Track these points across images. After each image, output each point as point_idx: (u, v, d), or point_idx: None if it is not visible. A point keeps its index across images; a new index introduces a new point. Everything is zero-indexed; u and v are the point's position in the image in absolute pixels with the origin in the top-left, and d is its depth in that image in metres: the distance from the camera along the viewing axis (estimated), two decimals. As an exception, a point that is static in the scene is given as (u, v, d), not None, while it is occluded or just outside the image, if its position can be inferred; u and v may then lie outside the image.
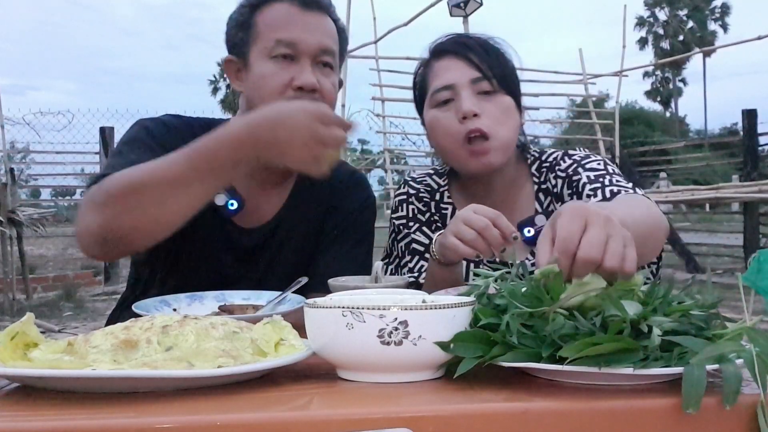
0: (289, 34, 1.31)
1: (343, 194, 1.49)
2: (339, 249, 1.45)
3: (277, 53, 1.30)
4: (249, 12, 1.35)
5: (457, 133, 1.34)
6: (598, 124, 7.44)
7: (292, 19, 1.32)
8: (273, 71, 1.31)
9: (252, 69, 1.33)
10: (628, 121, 25.81)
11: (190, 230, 1.32)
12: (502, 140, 1.34)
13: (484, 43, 1.40)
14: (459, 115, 1.33)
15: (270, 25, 1.33)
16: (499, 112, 1.35)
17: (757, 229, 8.23)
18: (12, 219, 6.55)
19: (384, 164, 6.81)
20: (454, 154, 1.37)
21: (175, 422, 0.63)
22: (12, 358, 0.78)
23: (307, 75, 1.30)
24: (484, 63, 1.36)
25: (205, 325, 0.82)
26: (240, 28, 1.36)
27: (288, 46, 1.30)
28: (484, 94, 1.35)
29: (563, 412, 0.67)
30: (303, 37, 1.31)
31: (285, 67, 1.31)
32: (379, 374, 0.76)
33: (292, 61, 1.31)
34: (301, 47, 1.31)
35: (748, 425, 0.67)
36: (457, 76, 1.36)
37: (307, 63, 1.31)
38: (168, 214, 1.10)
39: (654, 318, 0.72)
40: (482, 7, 5.21)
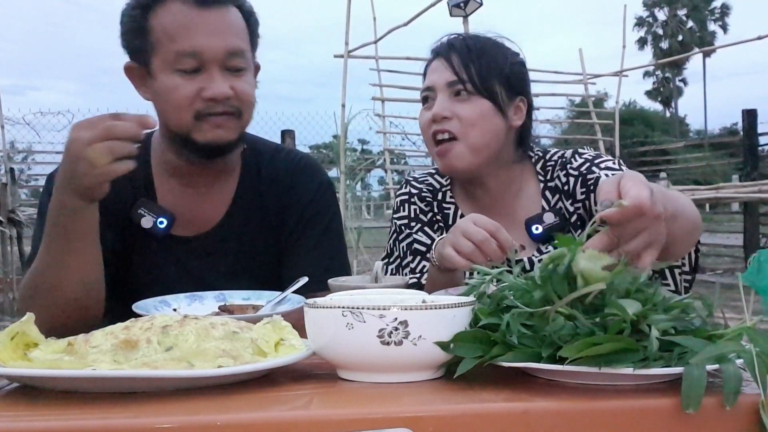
0: (190, 42, 1.20)
1: (295, 185, 1.42)
2: (306, 243, 1.39)
3: (181, 66, 1.21)
4: (141, 14, 1.24)
5: (428, 132, 1.39)
6: (598, 124, 7.45)
7: (190, 23, 1.21)
8: (179, 84, 1.22)
9: (156, 80, 1.24)
10: (628, 121, 25.81)
11: (132, 256, 1.34)
12: (470, 143, 1.36)
13: (472, 45, 1.39)
14: (431, 117, 1.36)
15: (168, 32, 1.22)
16: (472, 116, 1.35)
17: (757, 229, 8.23)
18: (12, 219, 6.56)
19: (384, 164, 6.81)
20: (431, 153, 1.41)
21: (175, 422, 0.63)
22: (12, 358, 0.78)
23: (217, 85, 1.22)
24: (463, 66, 1.36)
25: (205, 325, 0.82)
26: (135, 34, 1.25)
27: (192, 56, 1.21)
28: (458, 97, 1.36)
29: (563, 412, 0.67)
30: (206, 44, 1.21)
31: (192, 78, 1.22)
32: (379, 374, 0.76)
33: (199, 72, 1.22)
34: (207, 56, 1.21)
35: (748, 425, 0.67)
36: (436, 78, 1.39)
37: (216, 70, 1.22)
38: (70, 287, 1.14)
39: (654, 316, 0.72)
40: (482, 7, 5.20)
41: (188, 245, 1.36)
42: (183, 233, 1.35)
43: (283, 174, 1.41)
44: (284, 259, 1.40)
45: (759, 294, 1.25)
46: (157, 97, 1.27)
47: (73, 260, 1.14)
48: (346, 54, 5.94)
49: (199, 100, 1.22)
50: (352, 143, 12.07)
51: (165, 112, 1.26)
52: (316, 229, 1.40)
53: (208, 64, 1.22)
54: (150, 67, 1.25)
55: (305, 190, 1.42)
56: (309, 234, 1.40)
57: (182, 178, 1.35)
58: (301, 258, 1.38)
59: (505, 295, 0.80)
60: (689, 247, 1.15)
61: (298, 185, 1.42)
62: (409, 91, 6.57)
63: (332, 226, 1.44)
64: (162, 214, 1.32)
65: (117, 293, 1.34)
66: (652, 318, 0.72)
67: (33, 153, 10.77)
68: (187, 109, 1.23)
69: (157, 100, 1.27)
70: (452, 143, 1.36)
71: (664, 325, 0.72)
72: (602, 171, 1.37)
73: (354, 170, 6.86)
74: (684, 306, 0.77)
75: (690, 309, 0.77)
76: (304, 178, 1.43)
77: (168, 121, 1.27)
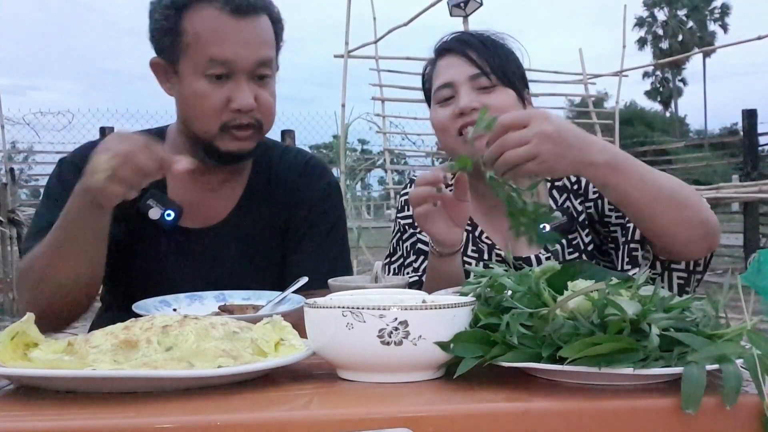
0: (222, 51, 1.22)
1: (303, 185, 1.43)
2: (310, 244, 1.40)
3: (211, 72, 1.23)
4: (175, 15, 1.24)
5: (453, 127, 1.37)
6: (598, 124, 7.45)
7: (225, 31, 1.23)
8: (208, 91, 1.24)
9: (183, 81, 1.26)
10: (628, 121, 25.83)
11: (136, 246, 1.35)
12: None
13: (485, 39, 1.41)
14: (457, 111, 1.35)
15: (201, 38, 1.23)
16: (500, 106, 1.35)
17: (757, 229, 8.22)
18: (12, 219, 6.56)
19: (384, 164, 6.81)
20: (452, 147, 1.39)
21: (175, 422, 0.63)
22: (12, 358, 0.78)
23: (244, 96, 1.24)
24: (483, 59, 1.37)
25: (205, 325, 0.82)
26: (166, 33, 1.26)
27: (223, 65, 1.23)
28: (484, 89, 1.36)
29: (563, 412, 0.67)
30: (238, 53, 1.23)
31: (220, 86, 1.24)
32: (379, 374, 0.76)
33: (228, 78, 1.24)
34: (237, 65, 1.23)
35: (748, 425, 0.67)
36: (456, 73, 1.38)
37: (244, 81, 1.24)
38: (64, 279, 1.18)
39: (653, 316, 0.72)
40: (482, 7, 5.21)
41: (194, 237, 1.37)
42: (189, 225, 1.36)
43: (291, 174, 1.42)
44: (288, 258, 1.41)
45: (759, 294, 1.25)
46: (183, 98, 1.29)
47: (73, 256, 1.16)
48: (346, 54, 5.95)
49: (227, 111, 1.25)
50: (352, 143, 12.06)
51: (190, 116, 1.29)
52: (321, 230, 1.41)
53: (237, 73, 1.24)
54: (177, 66, 1.26)
55: (312, 190, 1.43)
56: (314, 234, 1.41)
57: (194, 174, 1.35)
58: (304, 258, 1.39)
59: (504, 295, 0.80)
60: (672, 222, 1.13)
61: (306, 186, 1.43)
62: (409, 91, 6.58)
63: (337, 228, 1.45)
64: (170, 206, 1.32)
65: (119, 283, 1.36)
66: (651, 317, 0.72)
67: (33, 153, 10.78)
68: (214, 120, 1.25)
69: (183, 102, 1.29)
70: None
71: (664, 324, 0.72)
72: None
73: (354, 170, 6.86)
74: (684, 306, 0.77)
75: (690, 309, 0.77)
76: (312, 179, 1.44)
77: (192, 126, 1.29)
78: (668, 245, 1.19)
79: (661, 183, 1.12)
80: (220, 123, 1.25)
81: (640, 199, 1.10)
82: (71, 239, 1.16)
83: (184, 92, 1.27)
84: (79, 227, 1.15)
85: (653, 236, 1.19)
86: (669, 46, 43.87)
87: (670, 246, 1.19)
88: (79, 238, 1.16)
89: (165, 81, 1.31)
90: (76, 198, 1.13)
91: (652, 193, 1.10)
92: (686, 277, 1.26)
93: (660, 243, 1.20)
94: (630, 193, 1.09)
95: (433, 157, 7.31)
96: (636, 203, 1.10)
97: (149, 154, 1.07)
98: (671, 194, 1.12)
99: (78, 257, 1.17)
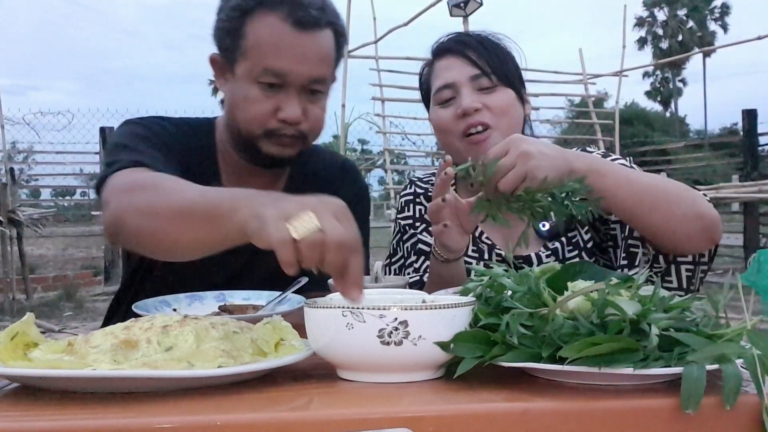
0: (278, 63, 1.23)
1: (335, 186, 1.39)
2: None
3: (264, 80, 1.24)
4: (239, 18, 1.26)
5: (456, 129, 1.37)
6: (598, 124, 7.45)
7: (283, 43, 1.23)
8: (258, 98, 1.25)
9: (237, 82, 1.28)
10: (628, 121, 25.80)
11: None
12: (503, 131, 1.35)
13: (484, 40, 1.42)
14: (459, 112, 1.35)
15: (260, 45, 1.24)
16: (502, 105, 1.36)
17: (757, 229, 8.22)
18: (12, 219, 6.56)
19: (384, 164, 6.81)
20: (458, 149, 1.39)
21: (175, 422, 0.63)
22: (12, 358, 0.78)
23: (292, 108, 1.25)
24: (483, 59, 1.37)
25: (205, 325, 0.82)
26: (228, 34, 1.28)
27: (276, 75, 1.24)
28: (485, 89, 1.36)
29: (563, 412, 0.67)
30: (293, 67, 1.23)
31: (271, 94, 1.25)
32: (379, 374, 0.76)
33: (280, 88, 1.25)
34: (290, 78, 1.24)
35: (748, 425, 0.67)
36: (456, 74, 1.38)
37: (294, 93, 1.25)
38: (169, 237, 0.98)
39: (653, 316, 0.72)
40: (482, 7, 5.21)
41: None
42: None
43: (327, 175, 1.44)
44: None
45: (759, 294, 1.25)
46: (233, 98, 1.30)
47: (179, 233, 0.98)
48: (346, 54, 5.92)
49: (273, 120, 1.26)
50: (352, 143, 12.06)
51: (238, 117, 1.29)
52: None
53: (289, 85, 1.25)
54: (234, 66, 1.28)
55: (347, 193, 1.43)
56: None
57: (243, 173, 1.38)
58: None
59: (504, 295, 0.80)
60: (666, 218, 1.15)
61: (338, 188, 1.41)
62: (409, 91, 6.58)
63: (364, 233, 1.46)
64: None
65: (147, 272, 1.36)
66: (651, 317, 0.72)
67: (33, 153, 10.78)
68: (259, 125, 1.27)
69: (233, 102, 1.30)
70: (487, 132, 1.35)
71: (664, 324, 0.72)
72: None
73: (354, 170, 6.86)
74: (684, 306, 0.77)
75: (690, 309, 0.77)
76: (347, 182, 1.48)
77: (238, 126, 1.30)
78: (667, 241, 1.20)
79: (647, 181, 1.17)
80: (264, 129, 1.27)
81: (627, 199, 1.14)
82: (180, 224, 0.96)
83: (236, 93, 1.29)
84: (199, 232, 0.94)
85: (649, 234, 1.20)
86: (669, 46, 43.86)
87: (669, 242, 1.20)
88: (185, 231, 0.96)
89: (220, 77, 1.33)
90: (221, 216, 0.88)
91: (637, 191, 1.14)
92: (693, 269, 1.27)
93: (658, 240, 1.20)
94: (616, 194, 1.13)
95: (433, 157, 7.31)
96: (623, 203, 1.14)
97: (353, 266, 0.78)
98: (659, 191, 1.16)
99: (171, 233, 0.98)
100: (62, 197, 13.24)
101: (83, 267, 9.01)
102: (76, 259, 9.82)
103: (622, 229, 1.32)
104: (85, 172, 10.40)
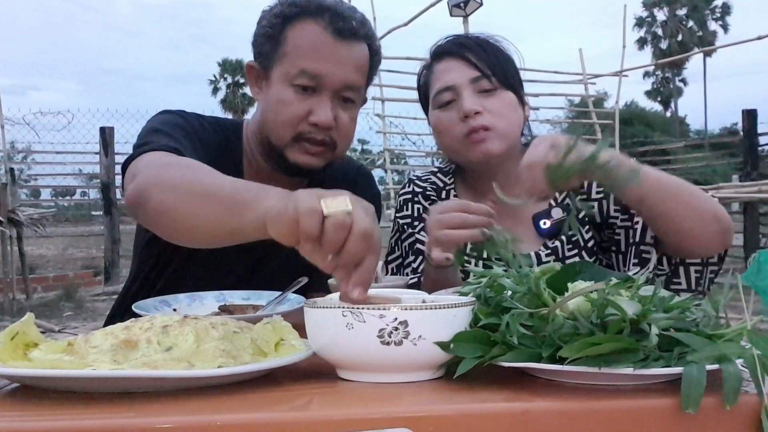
0: (315, 65, 1.26)
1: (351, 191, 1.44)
2: None
3: (299, 82, 1.26)
4: (280, 25, 1.29)
5: (459, 132, 1.36)
6: (598, 124, 7.45)
7: (322, 48, 1.26)
8: (291, 100, 1.27)
9: (272, 87, 1.30)
10: (628, 121, 25.80)
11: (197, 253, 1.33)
12: (502, 131, 1.36)
13: (483, 42, 1.41)
14: (461, 115, 1.35)
15: (298, 48, 1.27)
16: (502, 108, 1.36)
17: (757, 229, 8.22)
18: (12, 219, 6.55)
19: (384, 164, 6.81)
20: (457, 150, 1.39)
21: (175, 422, 0.63)
22: (12, 358, 0.78)
23: (324, 112, 1.27)
24: (483, 62, 1.37)
25: (205, 325, 0.82)
26: (268, 40, 1.31)
27: (312, 78, 1.26)
28: (485, 92, 1.36)
29: (563, 412, 0.67)
30: (329, 71, 1.26)
31: (305, 98, 1.27)
32: (379, 374, 0.76)
33: (314, 92, 1.27)
34: (325, 81, 1.27)
35: (748, 425, 0.67)
36: (456, 76, 1.38)
37: (327, 97, 1.27)
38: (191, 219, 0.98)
39: (653, 316, 0.73)
40: (482, 7, 5.21)
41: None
42: None
43: (343, 182, 1.44)
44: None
45: (759, 294, 1.26)
46: (267, 102, 1.32)
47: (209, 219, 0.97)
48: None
49: (304, 123, 1.27)
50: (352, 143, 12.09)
51: (269, 121, 1.31)
52: None
53: (323, 89, 1.27)
54: (270, 72, 1.30)
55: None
56: None
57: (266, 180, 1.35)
58: None
59: (504, 295, 0.80)
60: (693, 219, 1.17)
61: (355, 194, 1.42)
62: (409, 91, 6.58)
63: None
64: None
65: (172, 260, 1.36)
66: (651, 317, 0.72)
67: (33, 153, 10.78)
68: (290, 128, 1.28)
69: (266, 106, 1.32)
70: (488, 132, 1.35)
71: (664, 324, 0.72)
72: None
73: (354, 170, 6.85)
74: (684, 306, 0.77)
75: (690, 309, 0.77)
76: (361, 188, 1.46)
77: (268, 131, 1.31)
78: (686, 243, 1.21)
79: (678, 182, 1.18)
80: (294, 132, 1.27)
81: (660, 200, 1.15)
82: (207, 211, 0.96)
83: (270, 97, 1.30)
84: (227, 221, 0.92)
85: (674, 235, 1.21)
86: (668, 46, 43.86)
87: (688, 244, 1.21)
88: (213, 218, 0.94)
89: (255, 84, 1.35)
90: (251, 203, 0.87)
91: (672, 193, 1.16)
92: (701, 270, 1.27)
93: (678, 241, 1.22)
94: (649, 195, 1.15)
95: (433, 157, 7.31)
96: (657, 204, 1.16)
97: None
98: (688, 193, 1.17)
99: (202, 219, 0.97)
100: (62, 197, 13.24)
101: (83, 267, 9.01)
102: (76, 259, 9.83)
103: (632, 235, 1.32)
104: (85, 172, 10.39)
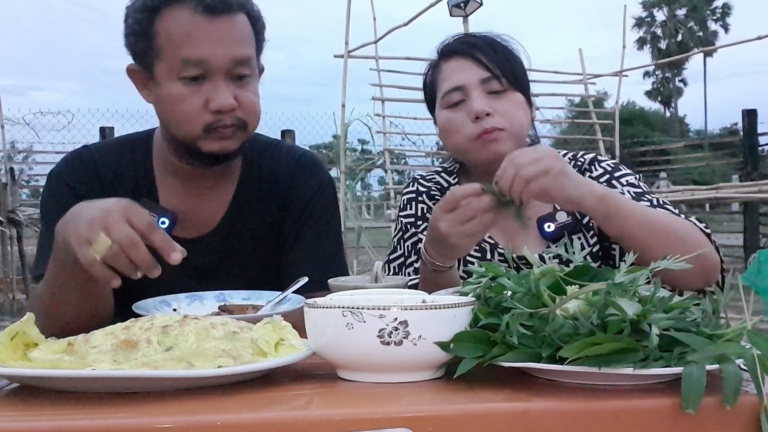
0: (196, 50, 1.18)
1: (294, 184, 1.39)
2: (305, 242, 1.37)
3: (186, 74, 1.19)
4: (147, 18, 1.21)
5: (471, 132, 1.35)
6: (598, 124, 7.44)
7: (197, 31, 1.19)
8: (184, 94, 1.20)
9: (160, 86, 1.23)
10: (628, 121, 25.79)
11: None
12: (513, 132, 1.36)
13: (492, 42, 1.40)
14: (471, 116, 1.34)
15: (173, 39, 1.19)
16: (511, 109, 1.36)
17: (757, 229, 8.23)
18: (12, 219, 6.56)
19: (384, 164, 6.80)
20: (467, 150, 1.38)
21: (175, 422, 0.63)
22: (12, 358, 0.78)
23: (222, 96, 1.20)
24: (493, 62, 1.36)
25: (205, 325, 0.82)
26: (139, 37, 1.23)
27: (197, 65, 1.19)
28: (495, 93, 1.36)
29: (563, 412, 0.67)
30: (212, 52, 1.19)
31: (197, 88, 1.20)
32: (379, 374, 0.76)
33: (204, 79, 1.20)
34: (212, 65, 1.19)
35: (748, 425, 0.67)
36: (466, 77, 1.37)
37: (221, 80, 1.20)
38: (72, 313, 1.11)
39: (653, 316, 0.73)
40: (482, 7, 5.20)
41: (190, 247, 1.34)
42: (185, 235, 1.33)
43: (283, 171, 1.40)
44: (283, 257, 1.39)
45: (759, 294, 1.25)
46: (161, 103, 1.25)
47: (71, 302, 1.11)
48: (346, 54, 5.94)
49: (207, 113, 1.21)
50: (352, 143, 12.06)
51: (171, 120, 1.25)
52: (315, 228, 1.39)
53: (213, 73, 1.20)
54: (153, 71, 1.23)
55: (306, 187, 1.40)
56: (308, 233, 1.38)
57: (183, 179, 1.34)
58: (299, 257, 1.37)
59: (504, 295, 0.80)
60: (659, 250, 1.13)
61: (299, 183, 1.40)
62: (409, 91, 6.57)
63: (331, 226, 1.42)
64: (164, 214, 1.30)
65: (117, 294, 1.33)
66: (651, 317, 0.72)
67: (33, 153, 10.77)
68: (196, 122, 1.21)
69: (162, 107, 1.26)
70: (500, 132, 1.34)
71: (664, 324, 0.72)
72: (624, 188, 1.35)
73: (354, 170, 6.86)
74: (684, 306, 0.77)
75: (690, 309, 0.77)
76: (305, 176, 1.41)
77: (174, 130, 1.26)
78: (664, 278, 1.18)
79: (655, 217, 1.19)
80: (202, 125, 1.22)
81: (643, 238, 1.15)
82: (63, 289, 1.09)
83: (162, 97, 1.24)
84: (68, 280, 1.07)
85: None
86: (668, 46, 43.86)
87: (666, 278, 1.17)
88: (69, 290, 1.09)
89: (143, 88, 1.28)
90: (61, 253, 1.03)
91: (654, 233, 1.15)
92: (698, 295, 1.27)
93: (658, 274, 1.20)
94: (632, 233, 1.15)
95: (433, 157, 7.31)
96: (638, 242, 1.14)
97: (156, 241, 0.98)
98: (666, 228, 1.18)
99: (75, 303, 1.11)
100: (62, 197, 13.21)
101: (83, 267, 8.99)
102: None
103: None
104: (85, 172, 10.37)
